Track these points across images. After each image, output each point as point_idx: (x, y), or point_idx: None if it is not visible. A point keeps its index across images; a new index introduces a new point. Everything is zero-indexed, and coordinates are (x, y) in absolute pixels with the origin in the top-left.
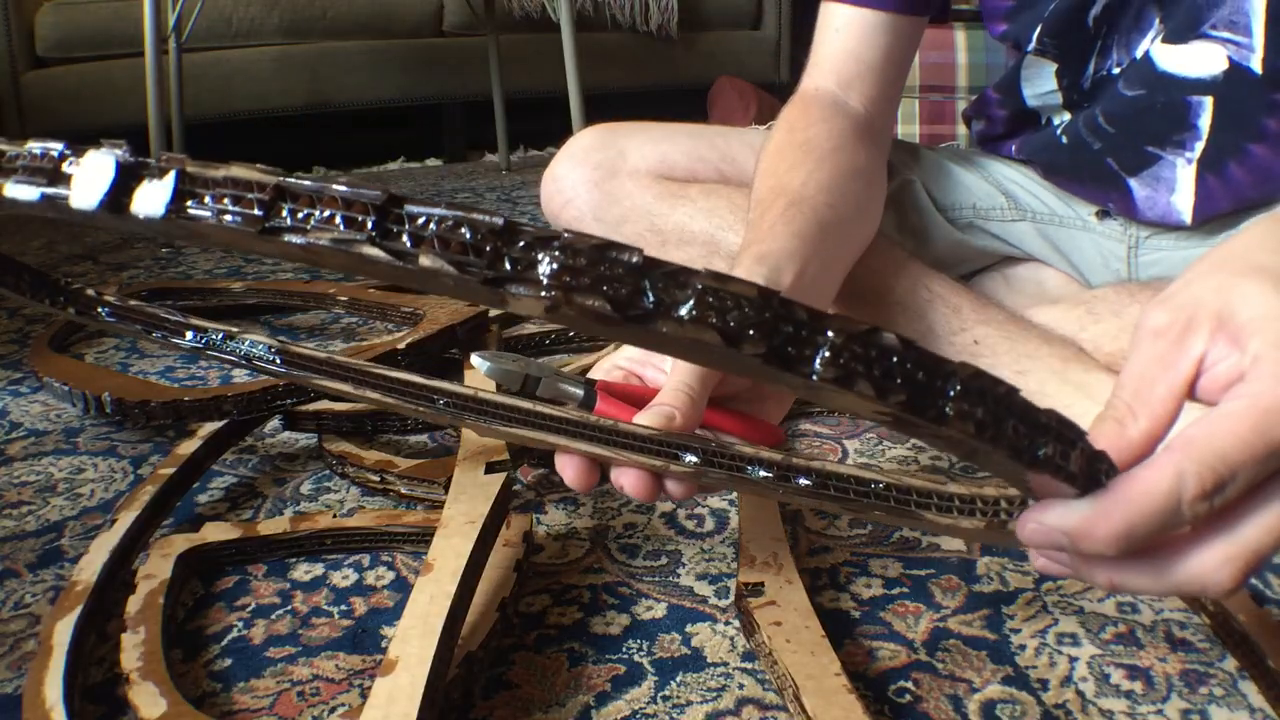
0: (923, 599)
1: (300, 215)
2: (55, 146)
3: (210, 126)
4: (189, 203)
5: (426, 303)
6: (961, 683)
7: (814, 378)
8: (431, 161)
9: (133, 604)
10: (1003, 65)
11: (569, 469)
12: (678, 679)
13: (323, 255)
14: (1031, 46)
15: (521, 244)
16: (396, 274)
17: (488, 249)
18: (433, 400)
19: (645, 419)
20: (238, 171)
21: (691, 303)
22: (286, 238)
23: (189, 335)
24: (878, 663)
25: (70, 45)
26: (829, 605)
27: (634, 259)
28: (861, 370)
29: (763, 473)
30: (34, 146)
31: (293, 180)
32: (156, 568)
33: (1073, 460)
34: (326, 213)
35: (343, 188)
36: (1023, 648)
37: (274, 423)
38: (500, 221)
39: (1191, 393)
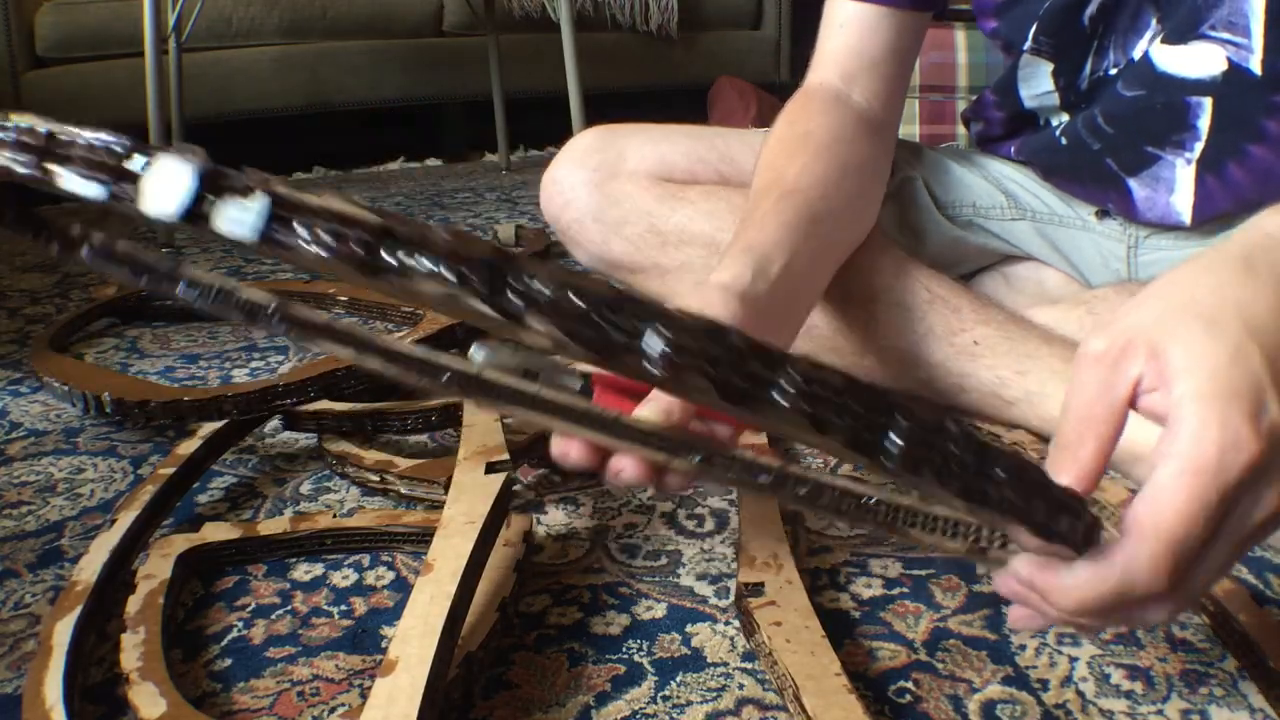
0: (923, 599)
1: (406, 259)
2: (111, 140)
3: (210, 126)
4: (277, 226)
5: None
6: (961, 683)
7: (890, 465)
8: (431, 161)
9: (133, 604)
10: (1002, 65)
11: (573, 450)
12: (678, 679)
13: (429, 302)
14: (1028, 45)
15: (627, 313)
16: (502, 327)
17: (595, 318)
18: (437, 375)
19: (646, 413)
20: (337, 205)
21: (791, 390)
22: (390, 278)
23: (180, 285)
24: (878, 663)
25: (70, 45)
26: (829, 605)
27: (736, 341)
28: (927, 459)
29: (762, 478)
30: (86, 135)
31: (397, 223)
32: (156, 568)
33: (1078, 530)
34: (433, 265)
35: (447, 236)
36: (1023, 648)
37: (274, 423)
38: (609, 293)
39: (1132, 405)
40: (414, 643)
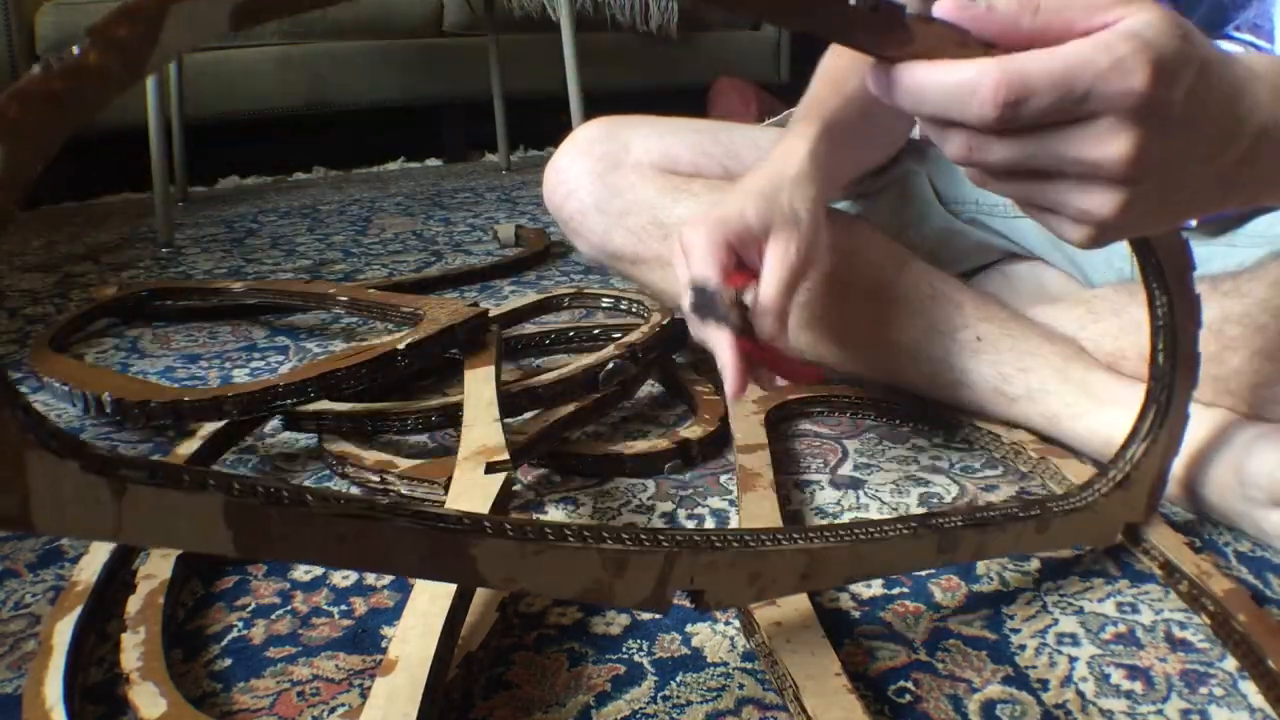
0: (923, 599)
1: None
2: None
3: (210, 126)
4: None
5: (426, 303)
6: (961, 683)
7: None
8: (431, 161)
9: (133, 604)
10: None
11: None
12: (678, 679)
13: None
14: None
15: None
16: None
17: None
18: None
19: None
20: None
21: None
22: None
23: None
24: (878, 663)
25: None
26: (829, 605)
27: None
28: None
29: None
30: None
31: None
32: (156, 568)
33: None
34: None
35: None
36: (1023, 648)
37: (274, 423)
38: None
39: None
40: (414, 642)
